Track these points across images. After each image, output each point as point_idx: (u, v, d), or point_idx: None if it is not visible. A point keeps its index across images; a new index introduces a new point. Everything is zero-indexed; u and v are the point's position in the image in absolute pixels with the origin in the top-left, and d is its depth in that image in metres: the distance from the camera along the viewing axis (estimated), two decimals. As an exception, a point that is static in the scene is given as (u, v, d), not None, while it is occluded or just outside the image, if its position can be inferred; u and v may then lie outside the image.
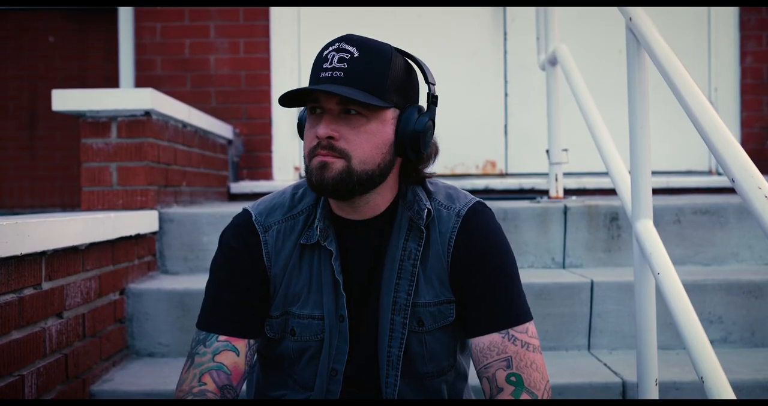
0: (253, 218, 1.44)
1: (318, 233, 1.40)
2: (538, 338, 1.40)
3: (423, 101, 1.41)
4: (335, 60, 1.30)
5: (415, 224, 1.41)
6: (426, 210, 1.40)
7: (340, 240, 1.42)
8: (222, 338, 1.38)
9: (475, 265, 1.40)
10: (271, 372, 1.52)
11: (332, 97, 1.30)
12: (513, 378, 1.34)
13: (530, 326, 1.40)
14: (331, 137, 1.30)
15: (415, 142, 1.35)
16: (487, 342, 1.37)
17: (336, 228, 1.42)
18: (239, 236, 1.44)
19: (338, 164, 1.30)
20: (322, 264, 1.42)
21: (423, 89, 1.42)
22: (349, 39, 1.32)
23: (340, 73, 1.29)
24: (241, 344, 1.39)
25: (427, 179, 1.46)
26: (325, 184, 1.31)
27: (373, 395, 1.44)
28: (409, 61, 1.39)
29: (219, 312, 1.41)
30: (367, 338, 1.44)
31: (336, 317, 1.42)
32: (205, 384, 1.34)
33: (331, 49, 1.32)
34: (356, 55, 1.30)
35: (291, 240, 1.43)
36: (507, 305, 1.39)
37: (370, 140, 1.32)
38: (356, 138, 1.31)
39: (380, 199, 1.41)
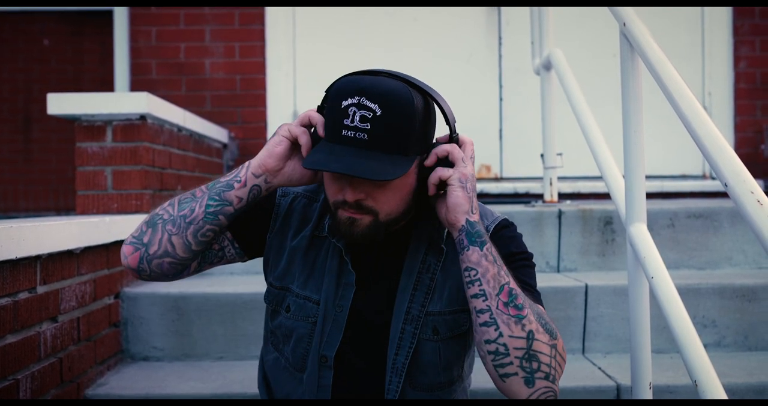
0: None
1: (327, 228, 1.43)
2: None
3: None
4: (357, 118, 1.24)
5: (435, 241, 1.43)
6: (446, 229, 1.42)
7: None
8: None
9: None
10: (270, 345, 1.54)
11: None
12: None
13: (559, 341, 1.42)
14: (359, 199, 1.31)
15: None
16: None
17: None
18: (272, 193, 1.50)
19: (366, 220, 1.33)
20: (330, 252, 1.44)
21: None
22: (370, 93, 1.25)
23: (364, 135, 1.24)
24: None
25: None
26: (354, 238, 1.35)
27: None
28: (428, 98, 1.33)
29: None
30: (372, 341, 1.43)
31: (334, 305, 1.43)
32: None
33: (351, 102, 1.25)
34: (379, 113, 1.24)
35: (303, 220, 1.47)
36: None
37: (396, 195, 1.33)
38: (383, 196, 1.32)
39: None
